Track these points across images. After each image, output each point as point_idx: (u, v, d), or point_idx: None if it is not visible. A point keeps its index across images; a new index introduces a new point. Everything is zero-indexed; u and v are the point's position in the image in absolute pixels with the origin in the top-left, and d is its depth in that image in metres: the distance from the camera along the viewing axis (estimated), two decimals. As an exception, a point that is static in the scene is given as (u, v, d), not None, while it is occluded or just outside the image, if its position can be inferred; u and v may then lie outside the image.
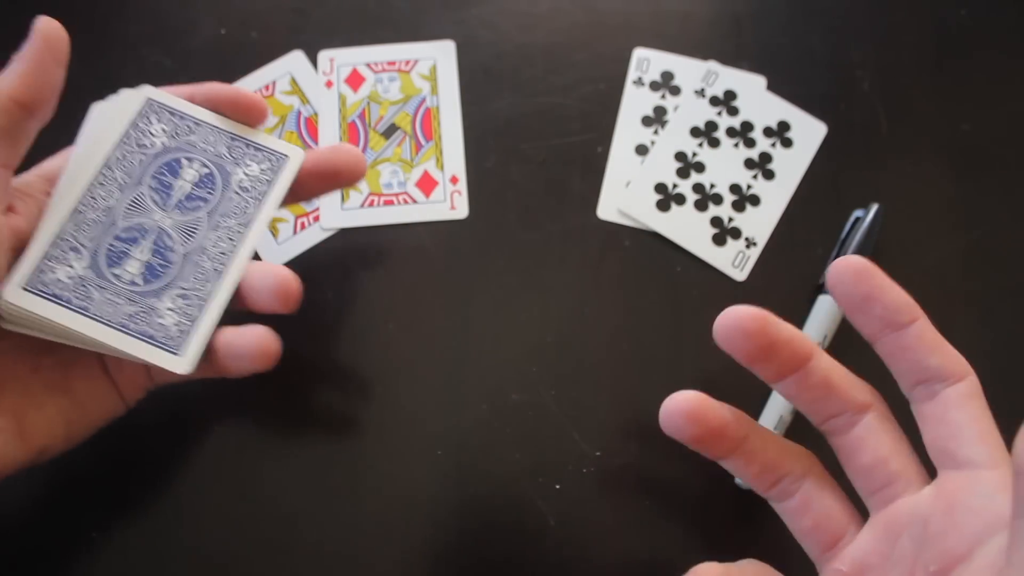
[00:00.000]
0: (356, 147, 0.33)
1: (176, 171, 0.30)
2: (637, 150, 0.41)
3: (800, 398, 0.27)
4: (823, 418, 0.28)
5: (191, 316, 0.29)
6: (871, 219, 0.37)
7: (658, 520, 0.35)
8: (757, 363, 0.27)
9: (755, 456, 0.28)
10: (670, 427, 0.28)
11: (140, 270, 0.29)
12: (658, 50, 0.43)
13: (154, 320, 0.29)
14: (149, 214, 0.30)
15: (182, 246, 0.30)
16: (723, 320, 0.27)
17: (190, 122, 0.31)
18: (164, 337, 0.29)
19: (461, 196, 0.40)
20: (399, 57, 0.42)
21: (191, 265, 0.30)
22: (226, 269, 0.30)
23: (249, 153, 0.32)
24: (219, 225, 0.30)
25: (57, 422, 0.29)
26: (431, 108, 0.41)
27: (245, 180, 0.31)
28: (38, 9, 0.43)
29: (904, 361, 0.26)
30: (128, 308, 0.29)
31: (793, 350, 0.27)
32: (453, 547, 0.34)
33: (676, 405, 0.28)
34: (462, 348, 0.37)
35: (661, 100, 0.42)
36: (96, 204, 0.29)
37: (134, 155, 0.30)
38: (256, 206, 0.31)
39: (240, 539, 0.34)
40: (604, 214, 0.39)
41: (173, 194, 0.30)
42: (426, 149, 0.40)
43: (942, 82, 0.42)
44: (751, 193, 0.40)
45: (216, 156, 0.31)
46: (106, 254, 0.29)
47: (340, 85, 0.41)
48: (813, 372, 0.27)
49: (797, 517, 0.28)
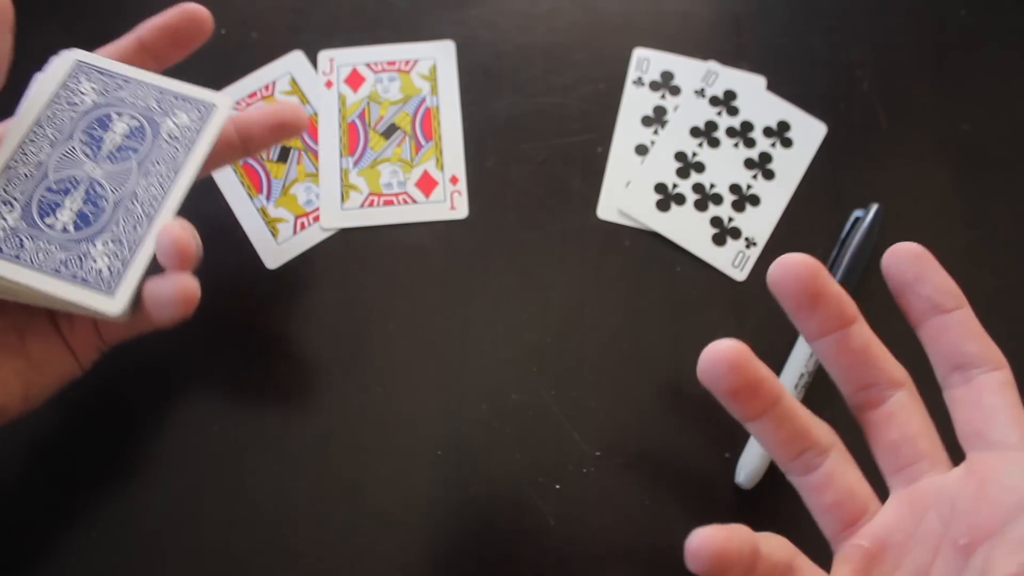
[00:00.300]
0: (295, 100, 0.34)
1: (106, 125, 0.31)
2: (637, 150, 0.41)
3: (839, 361, 0.27)
4: (857, 386, 0.27)
5: (123, 258, 0.30)
6: (871, 219, 0.37)
7: (658, 520, 0.35)
8: (804, 311, 0.27)
9: (784, 422, 0.27)
10: (710, 375, 0.27)
11: (72, 218, 0.30)
12: (658, 50, 0.43)
13: (87, 264, 0.29)
14: (80, 166, 0.30)
15: (113, 194, 0.30)
16: (778, 264, 0.26)
17: (119, 80, 0.32)
18: (96, 280, 0.29)
19: (461, 196, 0.40)
20: (399, 57, 0.42)
21: (122, 211, 0.30)
22: (156, 213, 0.30)
23: (178, 104, 0.32)
24: (149, 172, 0.31)
25: (13, 382, 0.30)
26: (431, 108, 0.41)
27: (175, 129, 0.32)
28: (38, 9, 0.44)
29: (945, 345, 0.26)
30: (60, 255, 0.29)
31: (840, 307, 0.27)
32: (453, 547, 0.34)
33: (718, 352, 0.26)
34: (462, 348, 0.37)
35: (661, 100, 0.42)
36: (27, 160, 0.30)
37: (64, 112, 0.31)
38: (186, 153, 0.32)
39: (240, 539, 0.34)
40: (604, 214, 0.39)
41: (104, 146, 0.31)
42: (426, 149, 0.40)
43: (942, 82, 0.42)
44: (751, 193, 0.40)
45: (146, 109, 0.32)
46: (37, 205, 0.29)
47: (340, 85, 0.41)
48: (855, 336, 0.27)
49: (819, 492, 0.28)
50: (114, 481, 0.35)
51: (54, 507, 0.34)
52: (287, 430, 0.36)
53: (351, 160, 0.40)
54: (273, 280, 0.38)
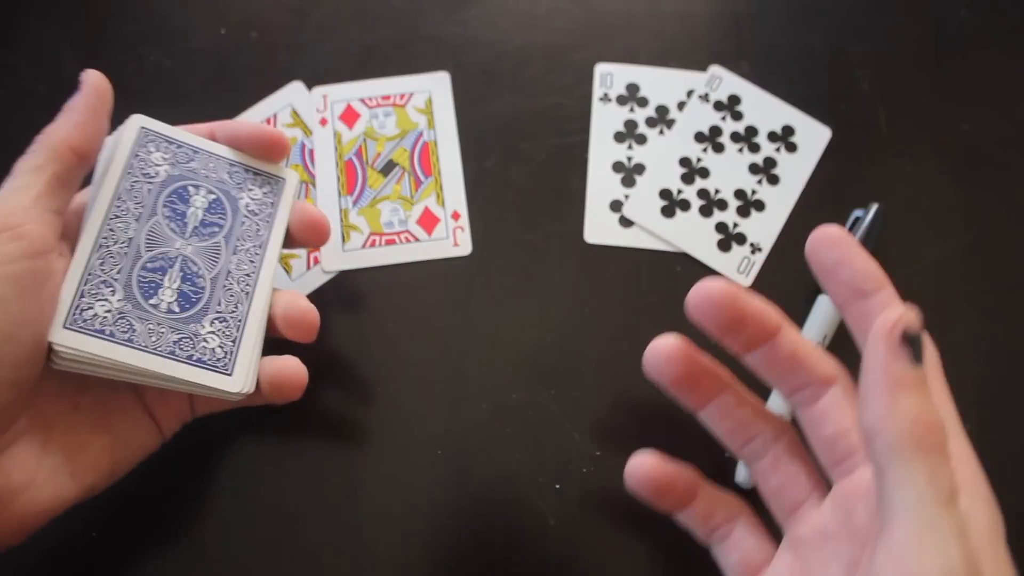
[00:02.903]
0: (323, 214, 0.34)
1: (186, 199, 0.31)
2: (614, 167, 0.40)
3: (769, 371, 0.28)
4: (792, 389, 0.28)
5: (232, 337, 0.30)
6: (871, 219, 0.37)
7: (657, 520, 0.35)
8: (727, 335, 0.28)
9: (730, 412, 0.29)
10: (655, 366, 0.29)
11: (174, 297, 0.30)
12: (657, 51, 0.43)
13: (199, 344, 0.29)
14: (170, 242, 0.30)
15: (208, 271, 0.30)
16: (695, 293, 0.27)
17: (187, 150, 0.32)
18: (212, 359, 0.30)
19: (464, 232, 0.39)
20: (393, 91, 0.42)
21: (220, 289, 0.30)
22: (254, 290, 0.31)
23: (249, 178, 0.33)
24: (237, 248, 0.31)
25: (103, 459, 0.30)
26: (428, 142, 0.41)
27: (252, 204, 0.32)
28: (39, 10, 0.44)
29: (868, 328, 0.26)
30: (172, 336, 0.29)
31: (761, 323, 0.27)
32: (453, 547, 0.34)
33: (663, 344, 0.29)
34: (462, 348, 0.37)
35: (630, 114, 0.42)
36: (116, 236, 0.30)
37: (141, 185, 0.31)
38: (267, 227, 0.32)
39: (240, 539, 0.34)
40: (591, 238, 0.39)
41: (188, 221, 0.31)
42: (426, 185, 0.40)
43: (942, 82, 0.42)
44: (756, 198, 0.40)
45: (219, 182, 0.32)
46: (138, 285, 0.29)
47: (335, 122, 0.41)
48: (781, 345, 0.28)
49: (765, 477, 0.29)
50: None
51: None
52: (287, 430, 0.36)
53: (350, 200, 0.39)
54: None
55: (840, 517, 0.27)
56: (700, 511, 0.30)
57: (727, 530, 0.30)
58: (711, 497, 0.31)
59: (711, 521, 0.30)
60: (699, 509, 0.30)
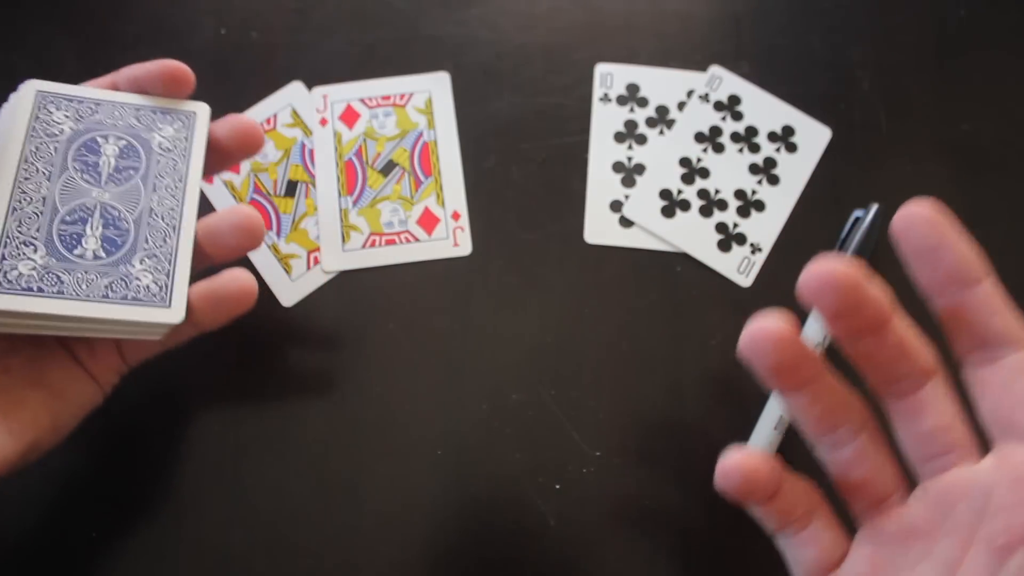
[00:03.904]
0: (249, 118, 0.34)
1: (96, 150, 0.31)
2: (614, 167, 0.40)
3: (870, 359, 0.26)
4: (887, 380, 0.26)
5: (165, 270, 0.30)
6: (871, 219, 0.37)
7: (658, 520, 0.35)
8: (839, 320, 0.25)
9: (822, 396, 0.26)
10: (758, 351, 0.25)
11: (98, 244, 0.30)
12: (657, 51, 0.43)
13: (132, 283, 0.30)
14: (86, 193, 0.31)
15: (130, 213, 0.31)
16: (813, 273, 0.24)
17: (89, 104, 0.32)
18: (148, 295, 0.30)
19: (464, 232, 0.39)
20: (393, 91, 0.41)
21: (145, 227, 0.31)
22: (179, 223, 0.31)
23: (158, 118, 0.33)
24: (156, 186, 0.32)
25: (41, 414, 0.30)
26: (428, 142, 0.40)
27: (164, 142, 0.32)
28: (39, 10, 0.44)
29: (968, 321, 0.25)
30: (103, 280, 0.29)
31: (878, 311, 0.25)
32: (453, 547, 0.34)
33: (768, 327, 0.25)
34: (462, 348, 0.37)
35: (630, 114, 0.42)
36: (29, 197, 0.30)
37: (47, 145, 0.31)
38: (184, 161, 0.32)
39: (240, 539, 0.34)
40: (591, 238, 0.39)
41: (102, 170, 0.31)
42: (426, 185, 0.40)
43: (942, 82, 0.42)
44: (756, 199, 0.40)
45: (128, 127, 0.32)
46: (59, 239, 0.30)
47: (335, 122, 0.41)
48: (890, 333, 0.25)
49: (847, 468, 0.27)
50: (114, 481, 0.35)
51: (55, 507, 0.34)
52: (287, 430, 0.36)
53: (350, 200, 0.39)
54: (287, 314, 0.38)
55: (934, 515, 0.25)
56: (782, 506, 0.27)
57: (804, 523, 0.27)
58: (793, 489, 0.28)
59: (792, 515, 0.28)
60: (781, 504, 0.27)
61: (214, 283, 0.31)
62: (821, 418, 0.27)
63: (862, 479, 0.27)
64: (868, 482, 0.27)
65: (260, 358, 0.36)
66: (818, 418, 0.27)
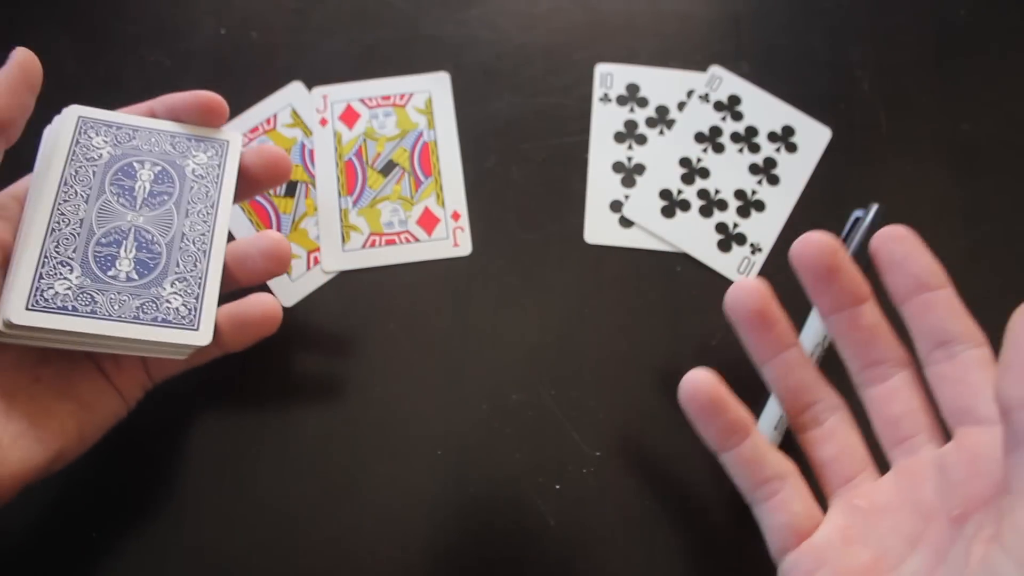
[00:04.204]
0: (280, 149, 0.35)
1: (132, 174, 0.32)
2: (614, 167, 0.40)
3: (850, 336, 0.29)
4: (866, 363, 0.29)
5: (195, 294, 0.31)
6: (871, 219, 0.37)
7: (657, 520, 0.35)
8: (820, 285, 0.29)
9: (794, 370, 0.30)
10: (736, 300, 0.30)
11: (131, 266, 0.31)
12: (657, 51, 0.43)
13: (162, 305, 0.31)
14: (121, 216, 0.32)
15: (162, 237, 0.32)
16: (801, 241, 0.29)
17: (127, 130, 0.33)
18: (177, 318, 0.31)
19: (464, 232, 0.39)
20: (393, 91, 0.41)
21: (176, 251, 0.32)
22: (210, 248, 0.32)
23: (193, 145, 0.34)
24: (189, 212, 0.33)
25: (69, 424, 0.31)
26: (428, 143, 0.41)
27: (198, 168, 0.33)
28: (39, 10, 0.44)
29: (929, 321, 0.28)
30: (134, 302, 0.30)
31: (854, 282, 0.29)
32: (453, 547, 0.34)
33: (747, 282, 0.30)
34: (462, 348, 0.37)
35: (630, 114, 0.42)
36: (67, 219, 0.31)
37: (86, 169, 0.32)
38: (216, 188, 0.33)
39: (240, 539, 0.34)
40: (591, 238, 0.39)
41: (137, 195, 0.32)
42: (426, 185, 0.40)
43: (942, 82, 0.42)
44: (756, 199, 0.40)
45: (163, 154, 0.33)
46: (94, 260, 0.31)
47: (335, 122, 0.41)
48: (867, 314, 0.29)
49: (819, 445, 0.30)
50: (114, 481, 0.35)
51: (54, 507, 0.34)
52: (286, 430, 0.36)
53: (350, 200, 0.39)
54: (287, 314, 0.38)
55: (903, 493, 0.28)
56: (750, 455, 0.30)
57: (775, 487, 0.29)
58: (763, 446, 0.30)
59: (761, 472, 0.29)
60: (749, 453, 0.30)
61: (240, 307, 0.33)
62: (796, 392, 0.30)
63: (835, 455, 0.30)
64: (840, 458, 0.30)
65: (260, 358, 0.36)
66: (792, 392, 0.30)
